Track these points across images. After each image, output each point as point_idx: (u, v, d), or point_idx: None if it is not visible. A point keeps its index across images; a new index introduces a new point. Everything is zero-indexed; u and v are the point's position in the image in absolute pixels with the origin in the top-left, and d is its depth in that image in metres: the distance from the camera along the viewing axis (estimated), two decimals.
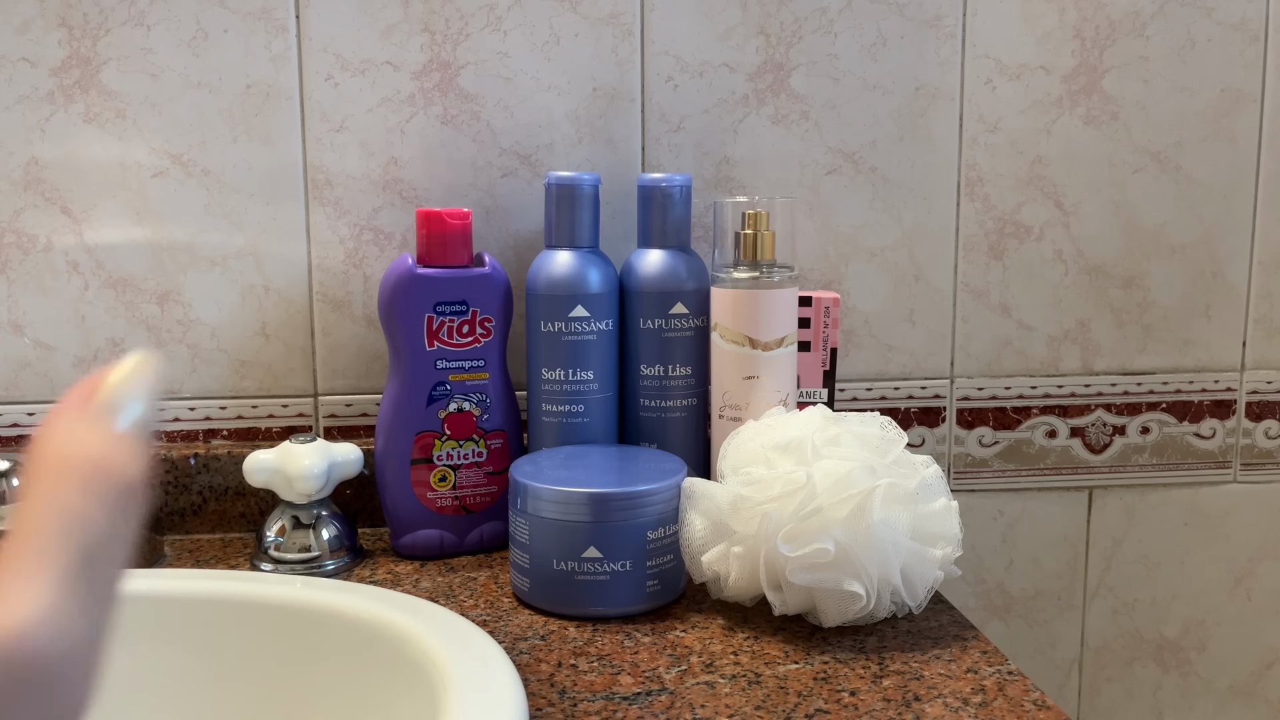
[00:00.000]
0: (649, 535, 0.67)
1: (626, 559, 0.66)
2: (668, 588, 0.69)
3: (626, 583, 0.67)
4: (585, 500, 0.66)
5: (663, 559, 0.68)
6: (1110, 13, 0.89)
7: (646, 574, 0.67)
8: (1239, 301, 0.94)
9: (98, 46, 0.81)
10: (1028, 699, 0.58)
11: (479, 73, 0.84)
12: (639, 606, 0.68)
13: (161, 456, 0.83)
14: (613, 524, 0.66)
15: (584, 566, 0.66)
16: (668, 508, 0.68)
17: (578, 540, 0.66)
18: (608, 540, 0.66)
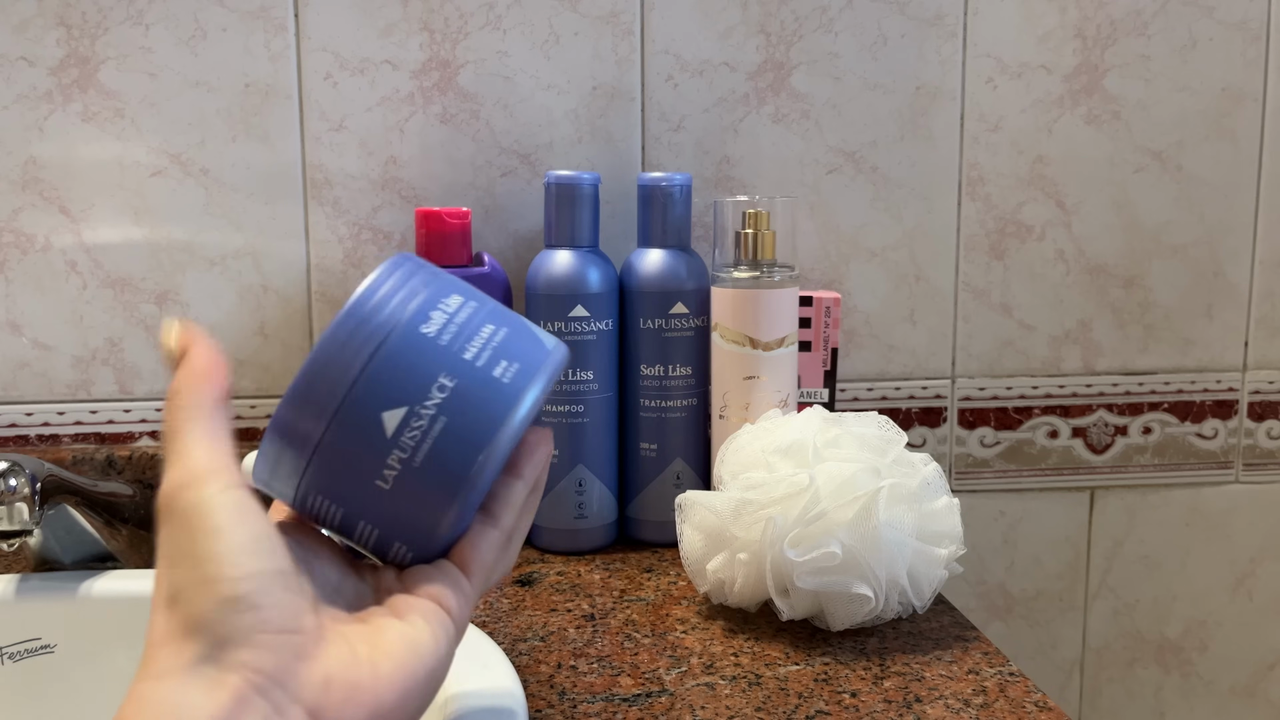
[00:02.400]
0: (424, 330, 0.39)
1: (438, 374, 0.39)
2: (525, 365, 0.40)
3: (472, 398, 0.39)
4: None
5: (478, 346, 0.40)
6: (1111, 12, 0.89)
7: (478, 366, 0.40)
8: (1241, 301, 0.94)
9: (96, 45, 0.81)
10: (1029, 700, 0.57)
11: (478, 72, 0.84)
12: (514, 404, 0.40)
13: (160, 457, 0.82)
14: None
15: (405, 445, 0.38)
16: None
17: (366, 424, 0.39)
18: (394, 384, 0.40)
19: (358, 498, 0.38)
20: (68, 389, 0.84)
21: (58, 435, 0.84)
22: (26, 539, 0.62)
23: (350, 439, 0.37)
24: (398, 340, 0.38)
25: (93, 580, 0.66)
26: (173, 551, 0.34)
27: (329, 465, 0.37)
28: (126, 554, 0.71)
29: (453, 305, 0.39)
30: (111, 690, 0.64)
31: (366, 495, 0.38)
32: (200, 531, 0.33)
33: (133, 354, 0.84)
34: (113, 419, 0.84)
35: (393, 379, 0.37)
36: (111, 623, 0.65)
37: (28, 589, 0.65)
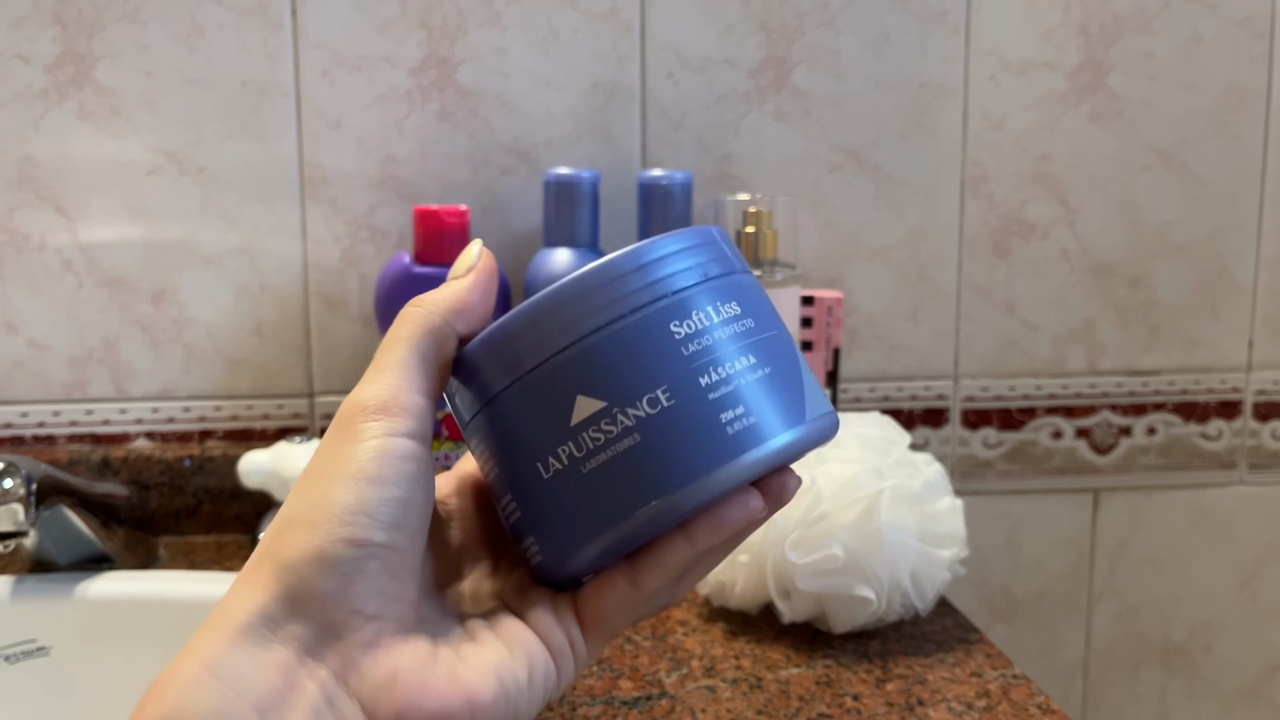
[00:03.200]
0: (673, 328, 0.32)
1: (658, 385, 0.32)
2: (768, 421, 0.32)
3: (678, 425, 0.32)
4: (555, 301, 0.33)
5: (727, 370, 0.32)
6: (1115, 9, 0.88)
7: (709, 398, 0.32)
8: (1245, 300, 0.93)
9: (92, 43, 0.80)
10: (1032, 703, 0.57)
11: (477, 69, 0.83)
12: (727, 462, 0.32)
13: (156, 458, 0.82)
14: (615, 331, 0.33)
15: (585, 443, 0.32)
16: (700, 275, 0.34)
17: (554, 404, 0.33)
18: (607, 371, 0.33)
19: (515, 466, 0.33)
20: (63, 389, 0.83)
21: (53, 436, 0.84)
22: (22, 540, 0.62)
23: (533, 403, 0.32)
24: (642, 323, 0.32)
25: (88, 581, 0.65)
26: (315, 473, 0.31)
27: (504, 416, 0.33)
28: (122, 555, 0.71)
29: (722, 314, 0.32)
30: (107, 691, 0.64)
31: (524, 470, 0.33)
32: (342, 469, 0.31)
33: (129, 354, 0.83)
34: (109, 419, 0.84)
35: (607, 364, 0.31)
36: (107, 624, 0.64)
37: (23, 590, 0.65)
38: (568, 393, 0.31)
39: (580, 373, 0.31)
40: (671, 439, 0.31)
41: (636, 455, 0.31)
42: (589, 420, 0.31)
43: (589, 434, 0.31)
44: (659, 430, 0.31)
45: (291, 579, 0.30)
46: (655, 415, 0.31)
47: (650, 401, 0.31)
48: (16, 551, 0.70)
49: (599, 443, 0.31)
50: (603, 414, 0.31)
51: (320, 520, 0.30)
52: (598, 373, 0.31)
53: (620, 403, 0.31)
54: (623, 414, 0.31)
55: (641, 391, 0.31)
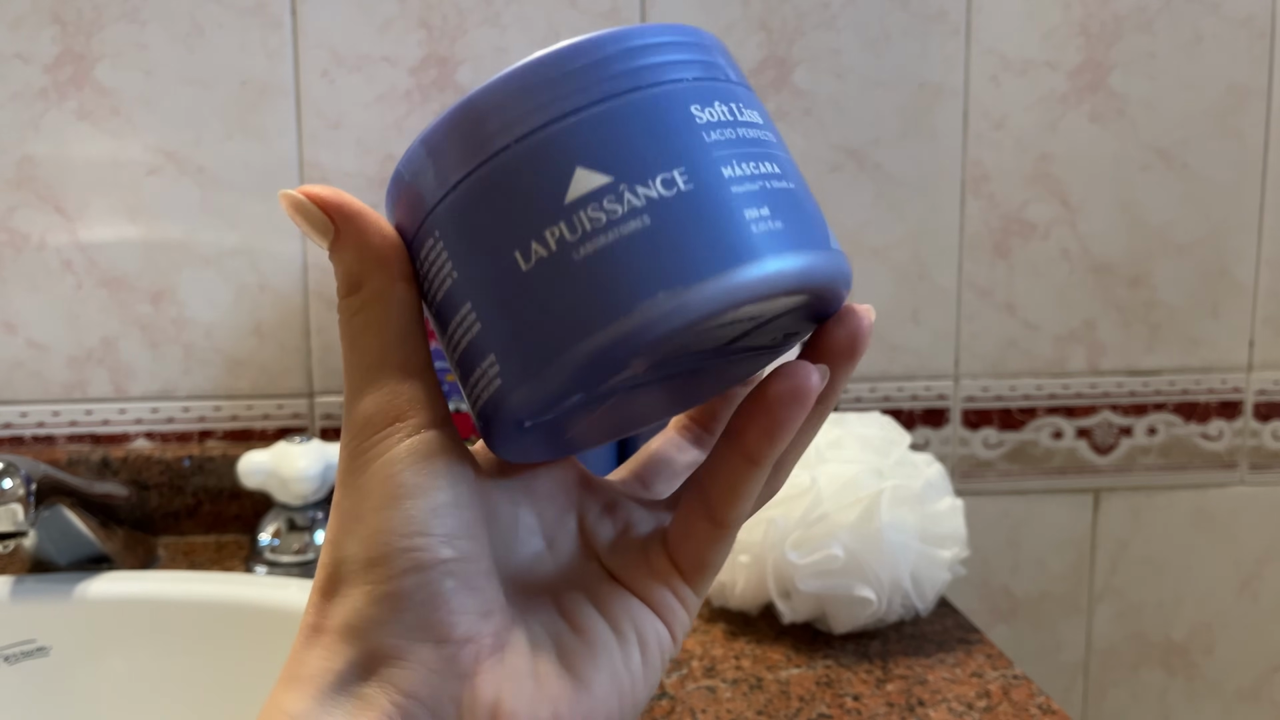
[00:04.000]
0: (694, 110, 0.28)
1: (675, 165, 0.27)
2: (795, 230, 0.28)
3: (696, 212, 0.27)
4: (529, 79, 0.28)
5: (752, 168, 0.28)
6: (1116, 8, 0.88)
7: (733, 190, 0.27)
8: (1246, 300, 0.93)
9: (91, 43, 0.80)
10: (1033, 703, 0.57)
11: (477, 68, 0.83)
12: (750, 261, 0.27)
13: (155, 458, 0.82)
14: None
15: (581, 224, 0.27)
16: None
17: (546, 179, 0.27)
18: (617, 142, 0.28)
19: (483, 262, 0.27)
20: (63, 389, 0.83)
21: (53, 436, 0.84)
22: (21, 540, 0.62)
23: (518, 180, 0.27)
24: (660, 97, 0.27)
25: (88, 582, 0.65)
26: (345, 511, 0.27)
27: (480, 197, 0.27)
28: (121, 555, 0.71)
29: (747, 118, 0.28)
30: (106, 692, 0.64)
31: (495, 264, 0.27)
32: (376, 494, 0.27)
33: (128, 354, 0.83)
34: (108, 419, 0.84)
35: (617, 134, 0.26)
36: (106, 624, 0.64)
37: (22, 590, 0.65)
38: (564, 165, 0.26)
39: (583, 142, 0.26)
40: (688, 225, 0.26)
41: (645, 240, 0.26)
42: (589, 196, 0.26)
43: (587, 213, 0.26)
44: (674, 214, 0.26)
45: (367, 633, 0.27)
46: (671, 198, 0.26)
47: (665, 182, 0.26)
48: (16, 552, 0.70)
49: (599, 224, 0.26)
50: (607, 190, 0.26)
51: (378, 556, 0.27)
52: (606, 143, 0.26)
53: (630, 178, 0.26)
54: (631, 192, 0.26)
55: (656, 169, 0.26)
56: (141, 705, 0.63)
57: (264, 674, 0.61)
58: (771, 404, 0.27)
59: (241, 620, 0.64)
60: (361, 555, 0.27)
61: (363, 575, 0.27)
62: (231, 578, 0.67)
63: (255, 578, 0.68)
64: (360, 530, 0.27)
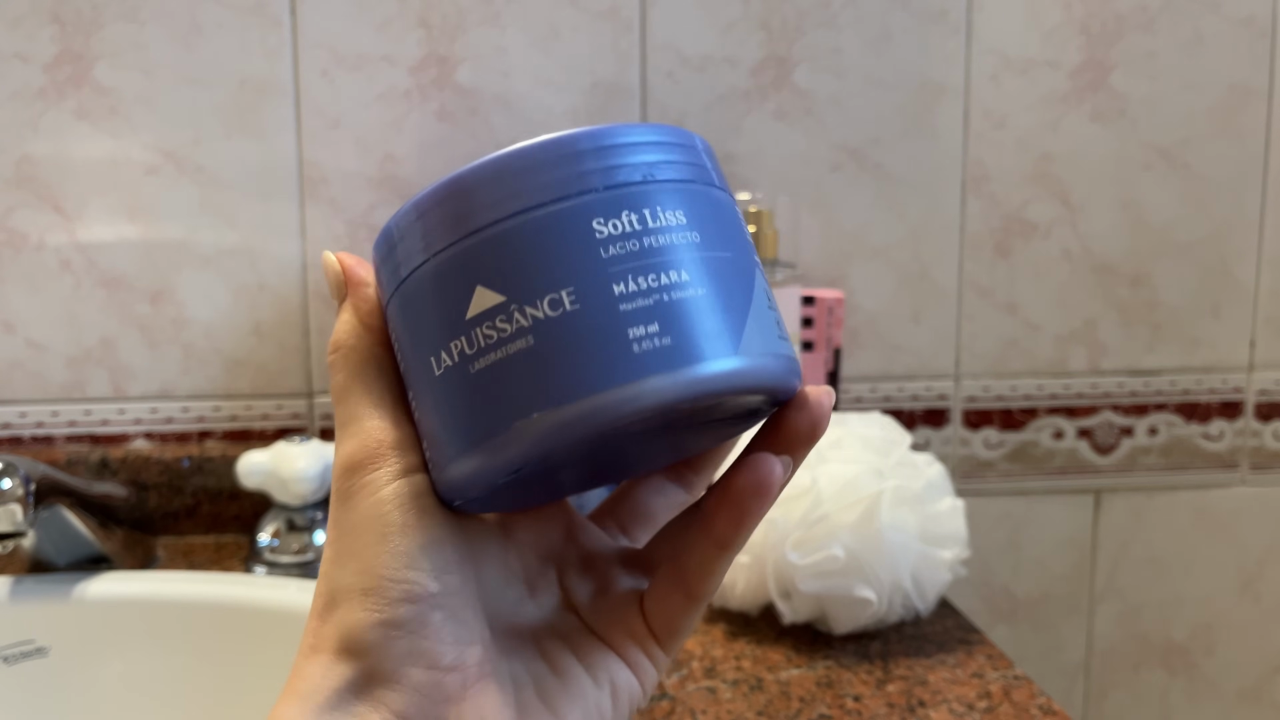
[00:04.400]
0: (595, 225, 0.28)
1: (564, 285, 0.28)
2: (685, 346, 0.28)
3: (576, 333, 0.27)
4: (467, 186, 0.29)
5: (649, 281, 0.28)
6: (1117, 7, 0.88)
7: (620, 308, 0.27)
8: (1247, 300, 0.93)
9: (90, 42, 0.80)
10: (1034, 704, 0.57)
11: (476, 68, 0.83)
12: (624, 383, 0.27)
13: (154, 458, 0.82)
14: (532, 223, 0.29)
15: (477, 339, 0.28)
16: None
17: (453, 294, 0.29)
18: (512, 262, 0.29)
19: (413, 359, 0.29)
20: (62, 389, 0.83)
21: (51, 436, 0.83)
22: (20, 541, 0.61)
23: (437, 289, 0.28)
24: (562, 214, 0.28)
25: (86, 582, 0.65)
26: (338, 545, 0.30)
27: (410, 302, 0.29)
28: (120, 555, 0.70)
29: (661, 220, 0.28)
30: (105, 692, 0.64)
31: (420, 364, 0.29)
32: (368, 530, 0.29)
33: (127, 354, 0.83)
34: (107, 419, 0.84)
35: (514, 254, 0.27)
36: (105, 625, 0.64)
37: (21, 591, 0.65)
38: (468, 282, 0.28)
39: (485, 260, 0.28)
40: (567, 347, 0.27)
41: (526, 360, 0.27)
42: (485, 314, 0.28)
43: (483, 330, 0.28)
44: (555, 335, 0.27)
45: (364, 653, 0.29)
46: (555, 318, 0.27)
47: (552, 302, 0.27)
48: (15, 552, 0.69)
49: (490, 341, 0.27)
50: (499, 309, 0.27)
51: (371, 587, 0.29)
52: (503, 262, 0.27)
53: (520, 299, 0.27)
54: (520, 312, 0.27)
55: (545, 290, 0.27)
56: (140, 705, 0.63)
57: (263, 674, 0.61)
58: (738, 496, 0.29)
59: (240, 621, 0.63)
60: (357, 585, 0.29)
61: (358, 603, 0.29)
62: (230, 578, 0.67)
63: (254, 578, 0.68)
64: (354, 564, 0.29)
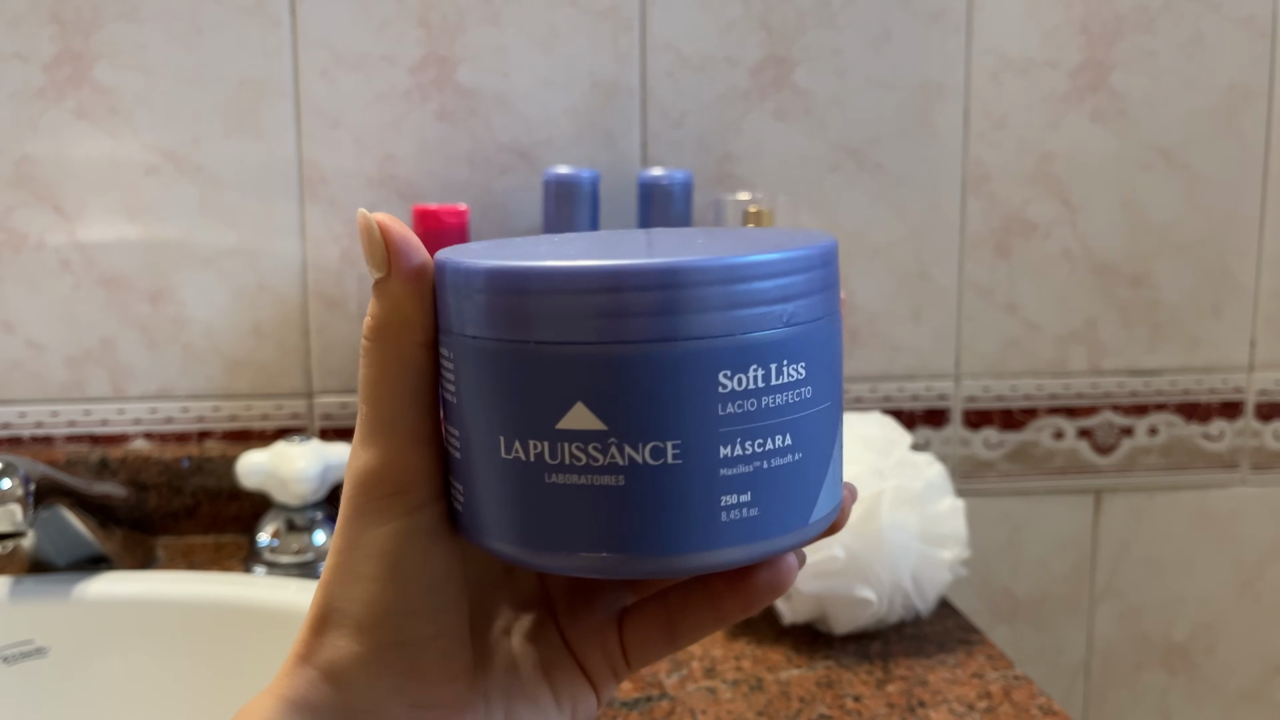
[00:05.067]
0: (721, 378, 0.26)
1: (671, 436, 0.26)
2: (769, 518, 0.28)
3: (669, 489, 0.27)
4: (579, 283, 0.27)
5: (755, 447, 0.27)
6: (1118, 7, 0.88)
7: (720, 473, 0.27)
8: (1248, 300, 0.93)
9: (90, 42, 0.80)
10: (1034, 704, 0.57)
11: (476, 67, 0.83)
12: (701, 550, 0.27)
13: (154, 458, 0.82)
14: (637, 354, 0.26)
15: (562, 454, 0.27)
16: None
17: (550, 395, 0.27)
18: (626, 393, 0.27)
19: (475, 421, 0.27)
20: (61, 389, 0.83)
21: (51, 436, 0.83)
22: (20, 541, 0.62)
23: (526, 374, 0.26)
24: (691, 356, 0.26)
25: (86, 582, 0.65)
26: (346, 560, 0.29)
27: (492, 365, 0.27)
28: (120, 556, 0.70)
29: (784, 376, 0.27)
30: (105, 692, 0.64)
31: (482, 431, 0.27)
32: (377, 561, 0.29)
33: (126, 354, 0.83)
34: (106, 419, 0.84)
35: (634, 384, 0.26)
36: (105, 625, 0.64)
37: (21, 591, 0.65)
38: (569, 392, 0.26)
39: (593, 378, 0.26)
40: (657, 500, 0.26)
41: (611, 498, 0.26)
42: (579, 435, 0.26)
43: (572, 447, 0.26)
44: (649, 485, 0.26)
45: (350, 682, 0.29)
46: (653, 467, 0.26)
47: (654, 451, 0.26)
48: (14, 552, 0.69)
49: (578, 464, 0.26)
50: (596, 436, 0.26)
51: (368, 623, 0.29)
52: (612, 389, 0.26)
53: (621, 435, 0.26)
54: (618, 448, 0.26)
55: (650, 435, 0.26)
56: (140, 705, 0.63)
57: (263, 674, 0.61)
58: (754, 589, 0.30)
59: (240, 621, 0.63)
60: (355, 614, 0.29)
61: (353, 633, 0.29)
62: (230, 578, 0.67)
63: (254, 578, 0.68)
64: (356, 592, 0.29)
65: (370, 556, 0.29)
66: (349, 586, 0.29)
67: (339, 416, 0.85)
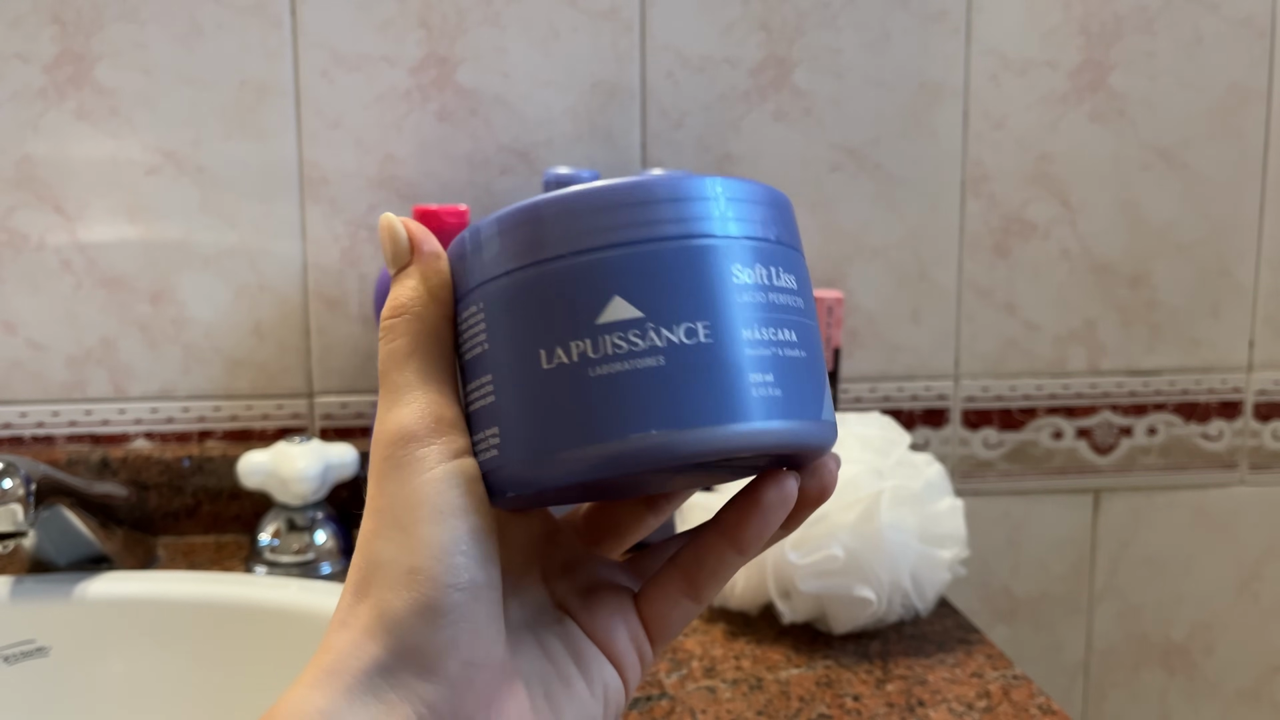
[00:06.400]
0: (734, 270, 0.30)
1: (702, 317, 0.29)
2: (791, 400, 0.30)
3: (706, 364, 0.29)
4: (589, 205, 0.30)
5: (771, 334, 0.30)
6: (1117, 8, 0.88)
7: (746, 352, 0.29)
8: (1246, 300, 0.93)
9: (91, 42, 0.80)
10: (1033, 704, 0.57)
11: (476, 68, 0.83)
12: (739, 421, 0.29)
13: (155, 458, 0.82)
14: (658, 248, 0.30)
15: (605, 346, 0.29)
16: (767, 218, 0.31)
17: (586, 296, 0.29)
18: (657, 282, 0.30)
19: (512, 350, 0.30)
20: (62, 389, 0.83)
21: (52, 436, 0.83)
22: (21, 540, 0.62)
23: (560, 288, 0.29)
24: (707, 251, 0.29)
25: (87, 582, 0.65)
26: (384, 515, 0.29)
27: (524, 292, 0.29)
28: (121, 555, 0.70)
29: (782, 283, 0.30)
30: (106, 692, 0.64)
31: (519, 353, 0.29)
32: (421, 506, 0.28)
33: (127, 354, 0.83)
34: (107, 419, 0.84)
35: (661, 276, 0.29)
36: (106, 624, 0.64)
37: (22, 591, 0.65)
38: (605, 289, 0.29)
39: (628, 274, 0.29)
40: (696, 376, 0.28)
41: (654, 378, 0.28)
42: (619, 325, 0.29)
43: (613, 338, 0.29)
44: (687, 362, 0.28)
45: (401, 636, 0.28)
46: (689, 346, 0.29)
47: (688, 331, 0.29)
48: (15, 552, 0.69)
49: (620, 351, 0.29)
50: (636, 324, 0.29)
51: (421, 565, 0.28)
52: (647, 281, 0.29)
53: (659, 319, 0.29)
54: (655, 331, 0.29)
55: (684, 317, 0.29)
56: (141, 705, 0.63)
57: (263, 674, 0.61)
58: (764, 507, 0.31)
59: (241, 620, 0.64)
60: (404, 562, 0.28)
61: (403, 580, 0.28)
62: (231, 578, 0.67)
63: (255, 578, 0.68)
64: (402, 539, 0.28)
65: (413, 505, 0.29)
66: (393, 537, 0.28)
67: (339, 416, 0.85)
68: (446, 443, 0.29)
